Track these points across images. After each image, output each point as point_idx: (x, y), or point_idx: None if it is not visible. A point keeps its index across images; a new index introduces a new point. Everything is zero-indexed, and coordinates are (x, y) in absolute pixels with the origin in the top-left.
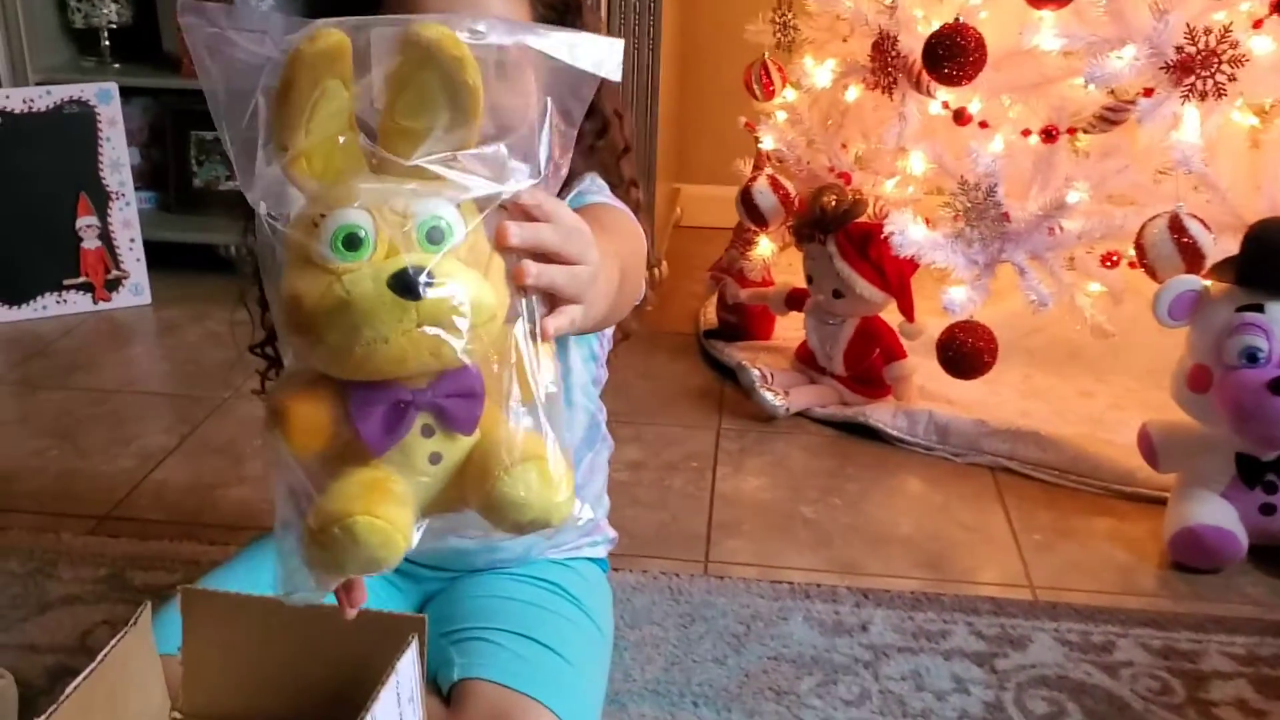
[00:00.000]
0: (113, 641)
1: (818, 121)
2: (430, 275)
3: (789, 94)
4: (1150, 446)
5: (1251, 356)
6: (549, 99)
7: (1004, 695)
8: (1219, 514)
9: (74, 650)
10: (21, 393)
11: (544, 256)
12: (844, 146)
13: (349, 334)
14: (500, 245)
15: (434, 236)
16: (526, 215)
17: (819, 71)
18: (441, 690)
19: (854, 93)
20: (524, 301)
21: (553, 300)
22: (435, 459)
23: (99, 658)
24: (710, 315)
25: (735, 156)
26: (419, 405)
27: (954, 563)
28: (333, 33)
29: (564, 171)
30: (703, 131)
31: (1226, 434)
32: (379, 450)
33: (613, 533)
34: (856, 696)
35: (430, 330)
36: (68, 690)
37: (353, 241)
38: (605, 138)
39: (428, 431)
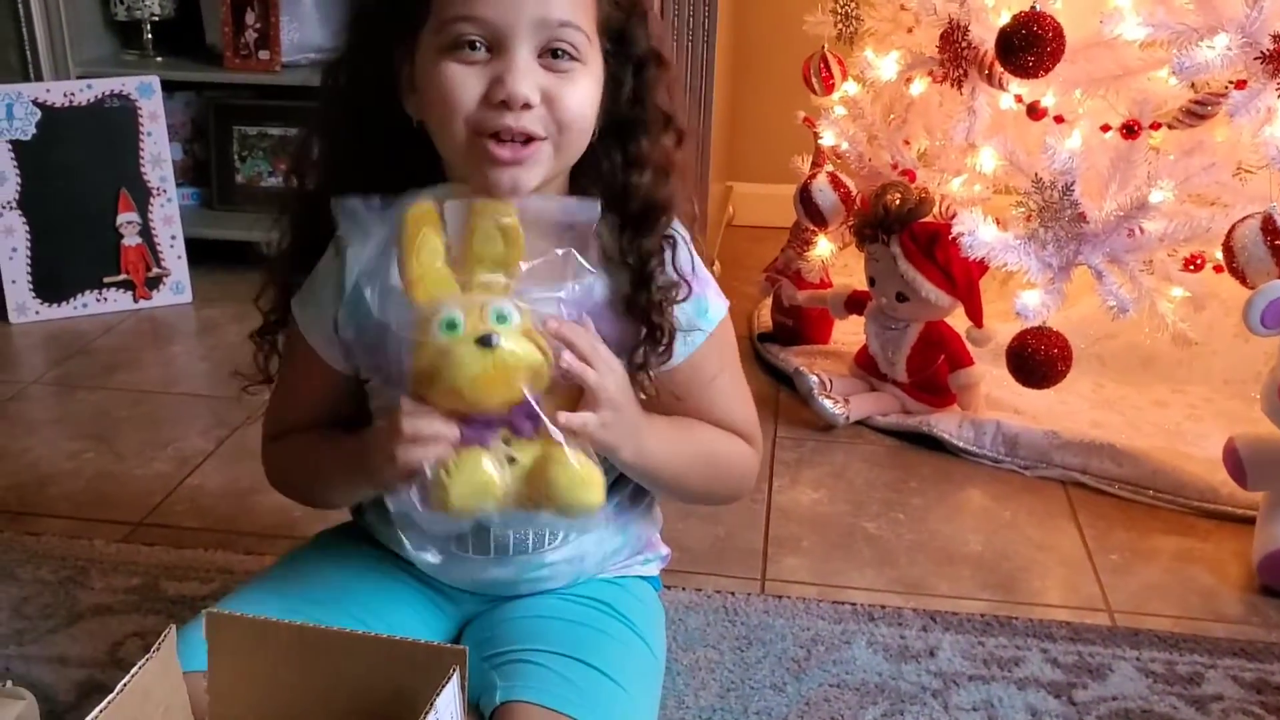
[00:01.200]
0: (135, 669)
1: (880, 116)
2: (497, 337)
3: (850, 88)
4: (1238, 462)
5: None
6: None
7: None
8: None
9: (104, 664)
10: (60, 392)
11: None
12: (907, 142)
13: (459, 380)
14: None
15: (500, 318)
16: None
17: (884, 63)
18: (483, 716)
19: (919, 86)
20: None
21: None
22: (511, 459)
23: (120, 686)
24: (765, 318)
25: (790, 153)
26: (497, 424)
27: (1025, 584)
28: (424, 202)
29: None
30: (756, 128)
31: None
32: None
33: (665, 549)
34: None
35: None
36: (93, 714)
37: (453, 325)
38: (669, 137)
39: (504, 439)
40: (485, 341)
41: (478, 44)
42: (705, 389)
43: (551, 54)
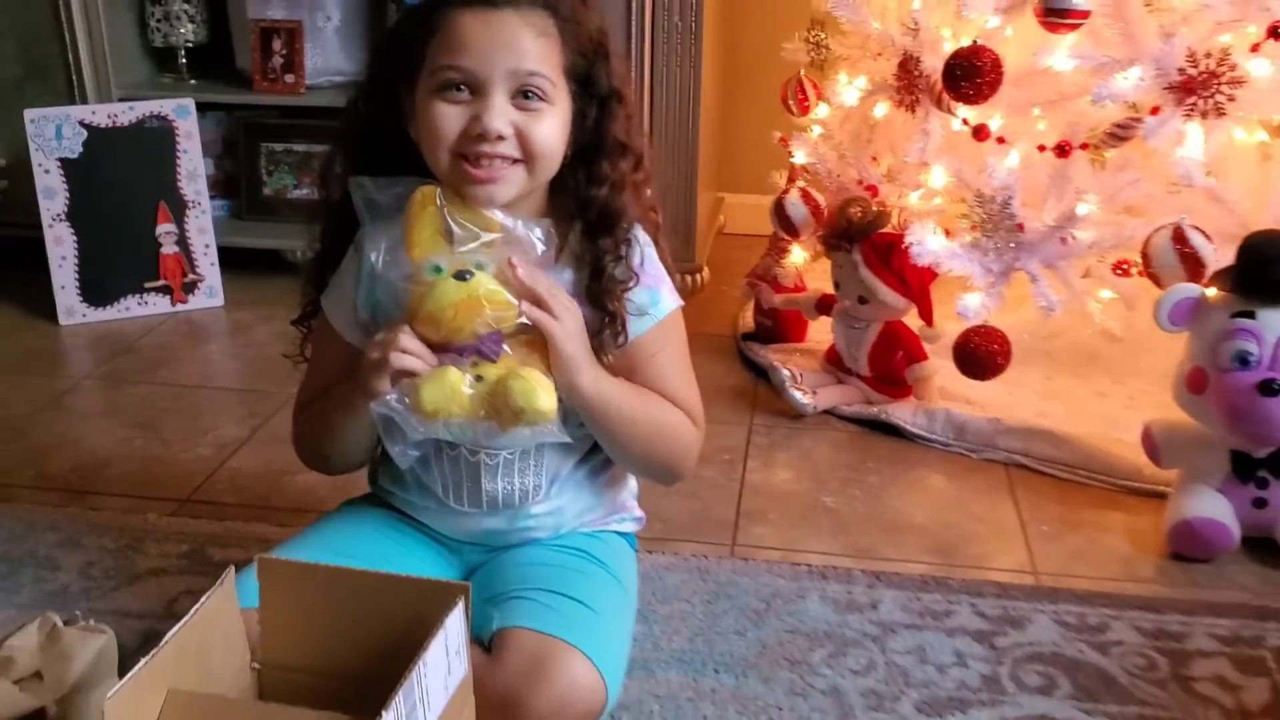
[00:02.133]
0: (201, 600)
1: (849, 136)
2: (472, 272)
3: (822, 110)
4: (1153, 444)
5: (1243, 360)
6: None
7: (1000, 669)
8: (1214, 507)
9: (162, 616)
10: (109, 387)
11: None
12: (874, 160)
13: (439, 306)
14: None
15: (477, 265)
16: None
17: (847, 90)
18: (485, 645)
19: (882, 109)
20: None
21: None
22: (478, 378)
23: (190, 613)
24: (748, 319)
25: (775, 168)
26: (469, 351)
27: (963, 550)
28: (429, 186)
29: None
30: (745, 143)
31: (1221, 432)
32: None
33: (639, 513)
34: (863, 667)
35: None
36: (164, 640)
37: (438, 269)
38: (639, 171)
39: (473, 364)
40: (461, 276)
41: (461, 87)
42: (652, 366)
43: (523, 95)
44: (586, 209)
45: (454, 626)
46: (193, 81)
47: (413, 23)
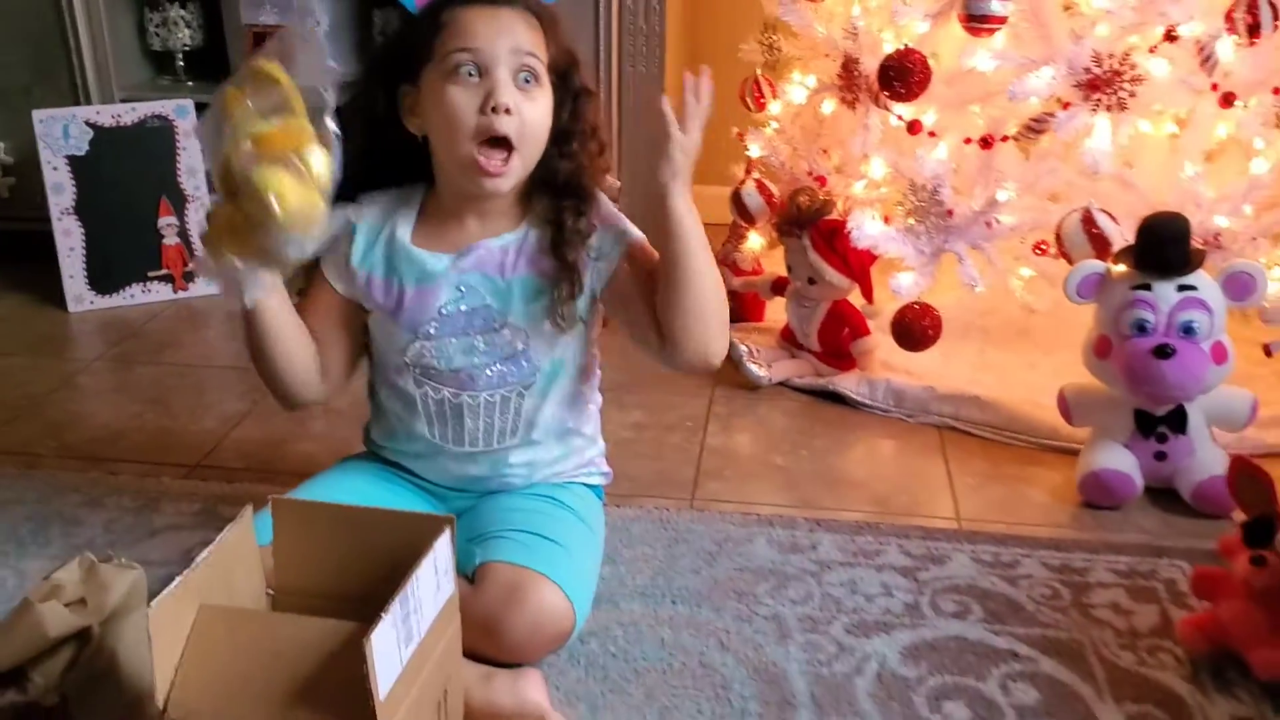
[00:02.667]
0: (225, 530)
1: (800, 131)
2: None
3: (776, 107)
4: (1066, 406)
5: (1141, 327)
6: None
7: (921, 599)
8: (1119, 460)
9: (180, 564)
10: (119, 367)
11: None
12: (825, 153)
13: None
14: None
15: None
16: None
17: (794, 89)
18: (468, 575)
19: (829, 106)
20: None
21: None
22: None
23: (216, 541)
24: None
25: (734, 161)
26: None
27: (895, 500)
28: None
29: None
30: (707, 137)
31: (1125, 393)
32: None
33: (607, 469)
34: (802, 597)
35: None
36: (195, 563)
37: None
38: (602, 157)
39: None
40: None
41: (471, 71)
42: (643, 283)
43: (521, 79)
44: (555, 177)
45: (441, 550)
46: (190, 83)
47: (421, 22)
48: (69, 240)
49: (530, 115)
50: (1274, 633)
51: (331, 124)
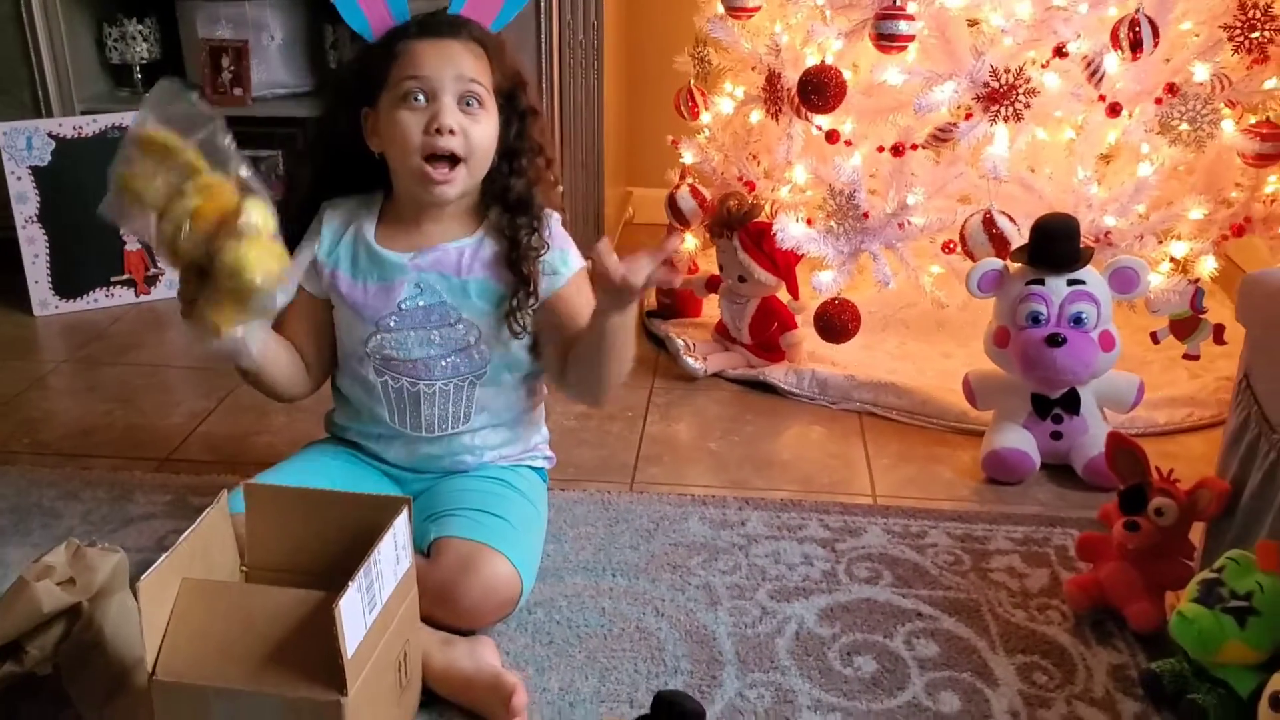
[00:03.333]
0: (204, 513)
1: (730, 139)
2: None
3: (707, 116)
4: (970, 390)
5: (1035, 319)
6: None
7: (838, 567)
8: (1019, 440)
9: (154, 550)
10: (87, 368)
11: None
12: (755, 159)
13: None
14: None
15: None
16: None
17: (722, 100)
18: (424, 551)
19: (757, 116)
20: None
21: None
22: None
23: (196, 522)
24: (650, 298)
25: (674, 166)
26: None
27: (817, 480)
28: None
29: None
30: (650, 143)
31: (1022, 378)
32: None
33: (550, 453)
34: (730, 568)
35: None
36: (178, 542)
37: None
38: (550, 171)
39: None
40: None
41: (419, 97)
42: (575, 306)
43: (465, 103)
44: (508, 194)
45: (400, 527)
46: (147, 95)
47: (376, 53)
48: (33, 248)
49: (475, 133)
50: (1147, 589)
51: (244, 168)
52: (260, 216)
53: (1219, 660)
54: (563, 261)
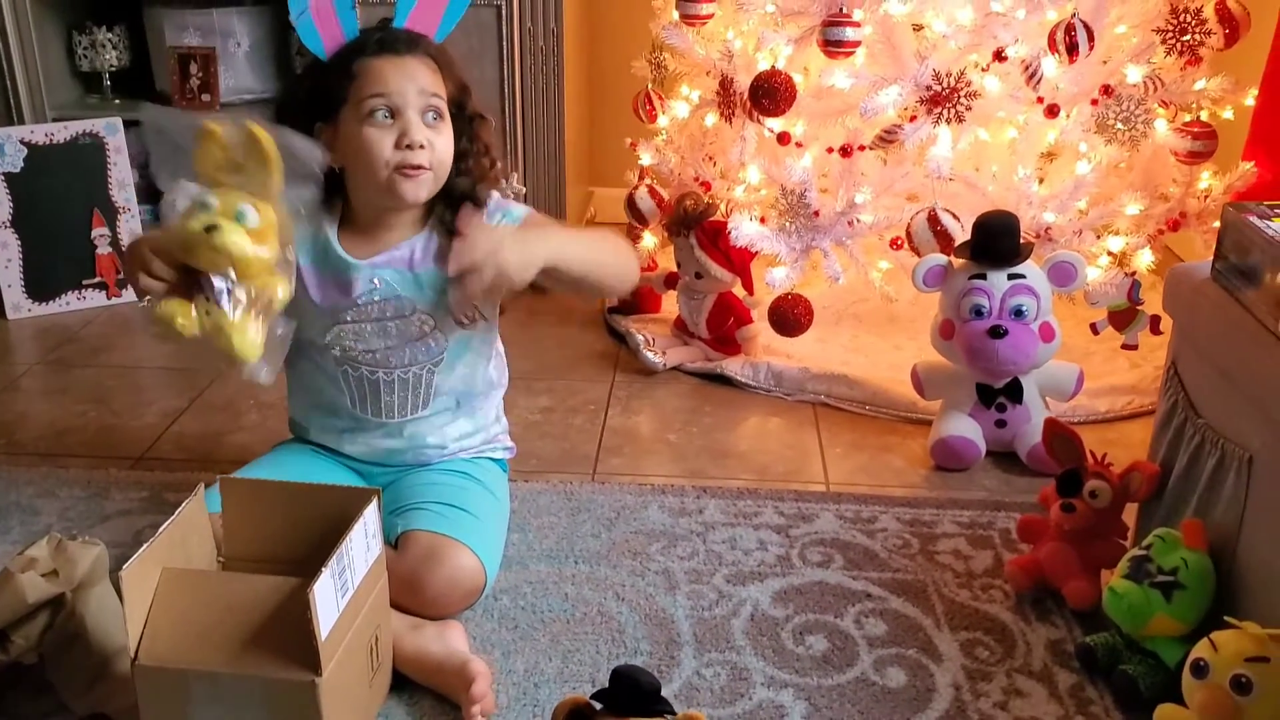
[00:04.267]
0: (182, 505)
1: (687, 141)
2: (219, 226)
3: (664, 119)
4: (919, 381)
5: (978, 312)
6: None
7: (791, 551)
8: (965, 428)
9: (132, 544)
10: (60, 370)
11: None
12: (711, 160)
13: (187, 247)
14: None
15: (239, 215)
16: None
17: (678, 104)
18: (392, 544)
19: (712, 119)
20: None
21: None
22: (207, 313)
23: (175, 514)
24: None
25: (634, 167)
26: (208, 285)
27: (773, 469)
28: (212, 122)
29: None
30: (611, 144)
31: (967, 369)
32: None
33: (510, 444)
34: (688, 554)
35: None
36: (158, 533)
37: (205, 205)
38: (494, 170)
39: (205, 299)
40: (212, 227)
41: (385, 114)
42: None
43: (427, 117)
44: (454, 190)
45: (370, 516)
46: (117, 101)
47: (332, 70)
48: (6, 252)
49: (439, 144)
50: (1083, 567)
51: (292, 254)
52: (281, 296)
53: (1148, 632)
54: (505, 213)
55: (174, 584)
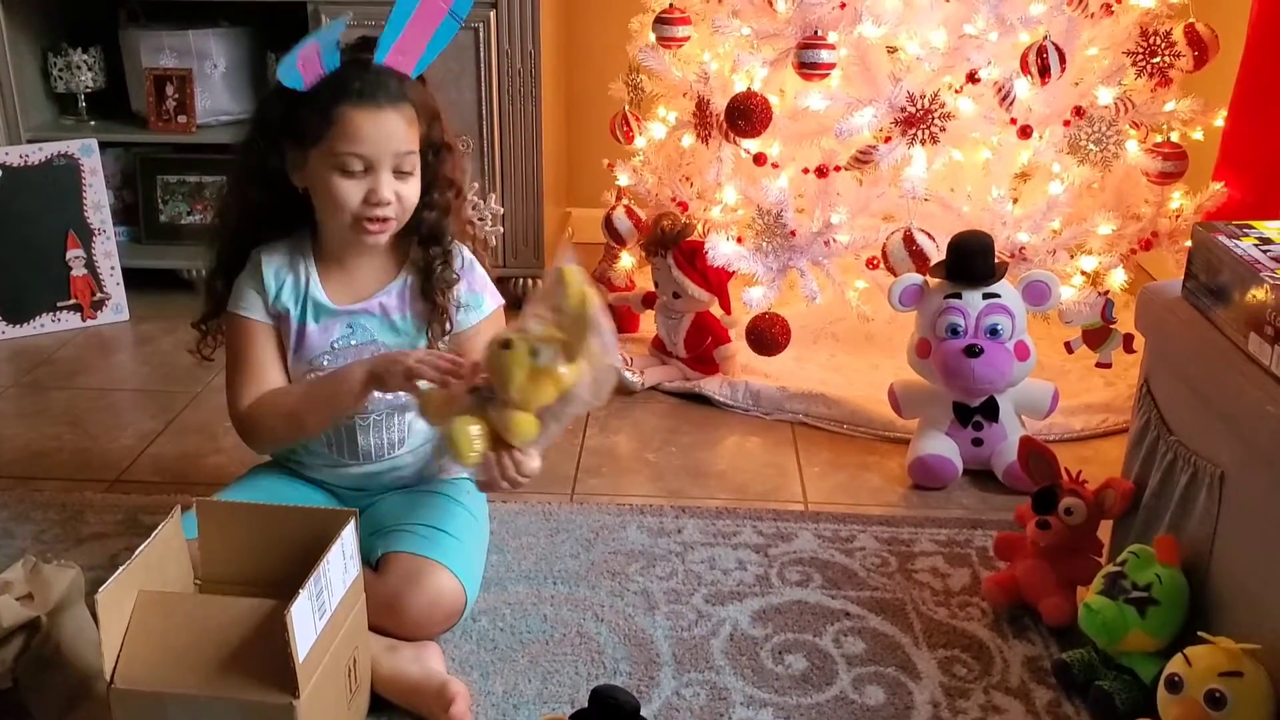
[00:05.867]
0: (159, 528)
1: (664, 162)
2: (544, 355)
3: (641, 140)
4: (895, 399)
5: (954, 331)
6: None
7: (770, 571)
8: (942, 447)
9: (108, 567)
10: (35, 393)
11: None
12: (687, 180)
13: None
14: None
15: (534, 352)
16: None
17: (655, 125)
18: (372, 565)
19: (689, 140)
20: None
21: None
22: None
23: (151, 537)
24: None
25: (611, 187)
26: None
27: (752, 488)
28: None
29: None
30: (589, 165)
31: (943, 387)
32: None
33: None
34: (667, 574)
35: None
36: (133, 556)
37: (507, 344)
38: (459, 199)
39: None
40: (534, 354)
41: (357, 167)
42: (479, 347)
43: (398, 170)
44: (421, 225)
45: (347, 537)
46: (92, 123)
47: (312, 108)
48: None
49: (406, 194)
50: (1059, 584)
51: (556, 422)
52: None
53: (1123, 648)
54: (477, 303)
55: (150, 607)
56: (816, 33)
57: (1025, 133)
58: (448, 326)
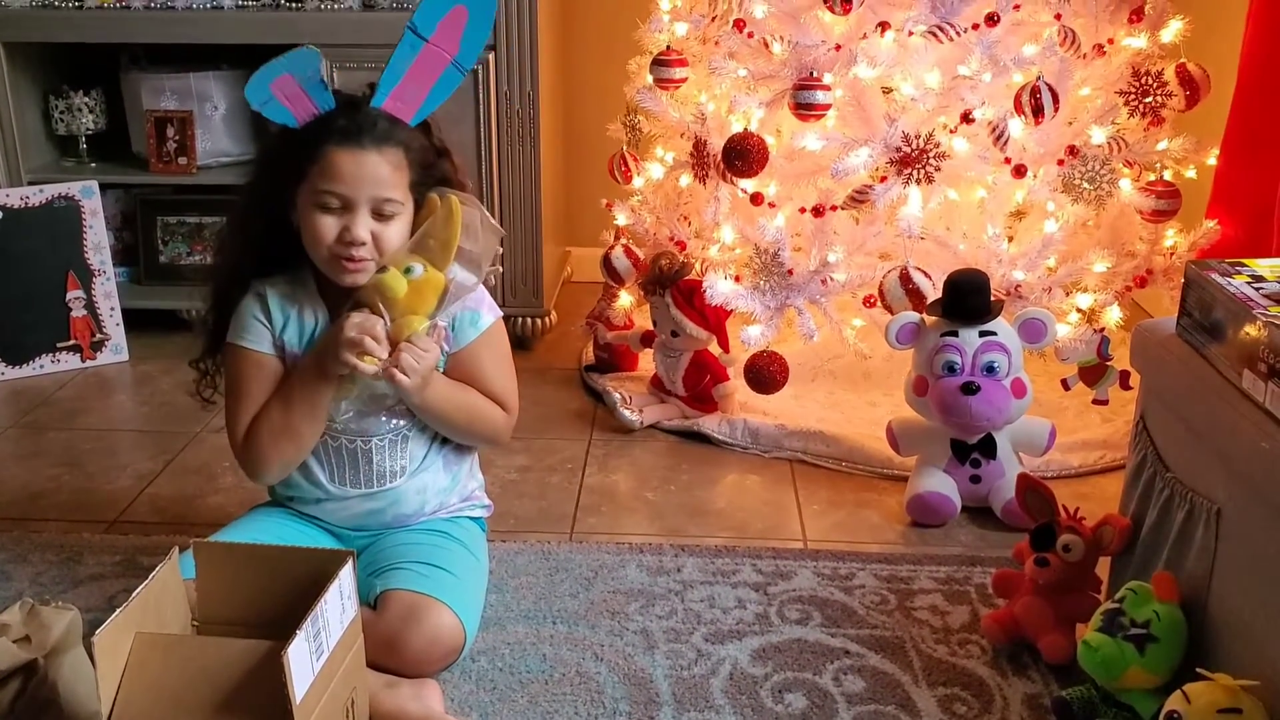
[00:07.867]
0: (156, 569)
1: (662, 201)
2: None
3: (639, 180)
4: (893, 437)
5: (951, 368)
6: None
7: (770, 609)
8: (940, 484)
9: (105, 609)
10: (33, 434)
11: None
12: (685, 220)
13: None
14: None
15: (409, 269)
16: None
17: (653, 165)
18: (370, 604)
19: (686, 180)
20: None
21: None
22: None
23: (148, 579)
24: (588, 353)
25: (610, 227)
26: None
27: (751, 526)
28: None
29: None
30: (588, 205)
31: (941, 425)
32: None
33: (488, 501)
34: (667, 613)
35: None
36: (131, 598)
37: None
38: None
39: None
40: (407, 270)
41: (335, 204)
42: (476, 366)
43: (378, 211)
44: None
45: (345, 578)
46: (93, 165)
47: (300, 144)
48: None
49: (387, 235)
50: (1058, 621)
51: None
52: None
53: (1122, 685)
54: (473, 320)
55: (147, 649)
56: (812, 74)
57: (1020, 172)
58: (445, 347)
